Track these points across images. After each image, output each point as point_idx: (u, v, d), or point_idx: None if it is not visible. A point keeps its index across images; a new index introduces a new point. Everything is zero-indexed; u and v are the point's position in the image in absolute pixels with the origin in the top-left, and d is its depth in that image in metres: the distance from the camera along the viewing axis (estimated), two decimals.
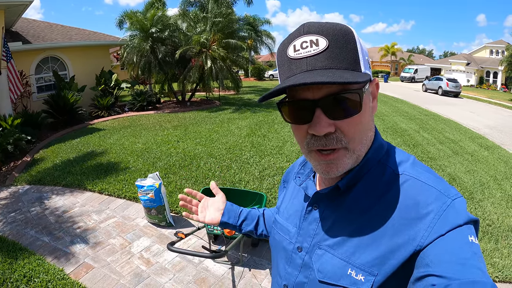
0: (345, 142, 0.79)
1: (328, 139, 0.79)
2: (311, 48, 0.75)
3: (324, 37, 0.75)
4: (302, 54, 0.76)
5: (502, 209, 6.15)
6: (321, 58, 0.75)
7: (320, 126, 0.77)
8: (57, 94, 12.14)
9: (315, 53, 0.75)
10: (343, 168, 0.82)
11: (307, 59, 0.76)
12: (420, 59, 62.63)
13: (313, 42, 0.75)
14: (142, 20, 15.11)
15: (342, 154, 0.81)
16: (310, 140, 0.82)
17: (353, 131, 0.79)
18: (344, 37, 0.76)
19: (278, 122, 12.84)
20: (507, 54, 30.02)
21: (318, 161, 0.84)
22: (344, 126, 0.78)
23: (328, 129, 0.77)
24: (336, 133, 0.78)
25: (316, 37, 0.75)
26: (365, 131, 0.82)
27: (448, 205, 0.75)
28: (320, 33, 0.75)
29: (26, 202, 5.80)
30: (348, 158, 0.82)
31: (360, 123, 0.80)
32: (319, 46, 0.75)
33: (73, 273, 3.93)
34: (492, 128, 14.62)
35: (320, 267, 0.87)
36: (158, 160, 7.89)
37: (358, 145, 0.82)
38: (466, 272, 0.64)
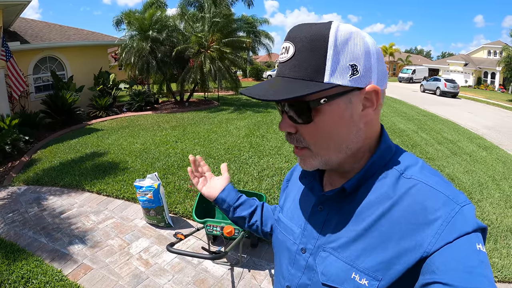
0: (305, 144, 0.85)
1: (290, 138, 0.87)
2: (284, 55, 0.81)
3: (293, 45, 0.79)
4: (280, 59, 0.83)
5: (501, 209, 6.16)
6: (286, 66, 0.80)
7: (282, 124, 0.85)
8: (55, 94, 12.11)
9: (284, 60, 0.81)
10: (310, 166, 0.88)
11: (280, 65, 0.82)
12: (418, 59, 62.82)
13: (286, 49, 0.81)
14: (141, 20, 15.09)
15: (307, 154, 0.87)
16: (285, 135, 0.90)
17: (311, 137, 0.83)
18: (312, 43, 0.76)
19: (276, 123, 12.82)
20: (505, 54, 30.05)
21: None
22: (301, 130, 0.84)
23: (288, 129, 0.85)
24: (296, 134, 0.85)
25: (288, 44, 0.80)
26: (329, 139, 0.82)
27: (456, 211, 0.74)
28: (292, 40, 0.79)
29: (24, 202, 5.77)
30: (313, 159, 0.87)
31: (318, 132, 0.81)
32: (288, 53, 0.80)
33: (72, 274, 3.91)
34: (490, 129, 14.66)
35: (323, 269, 0.87)
36: (157, 160, 7.88)
37: (322, 150, 0.84)
38: (472, 280, 0.64)
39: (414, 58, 63.94)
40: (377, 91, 0.81)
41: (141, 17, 15.28)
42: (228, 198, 1.31)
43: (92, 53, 15.61)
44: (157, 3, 19.80)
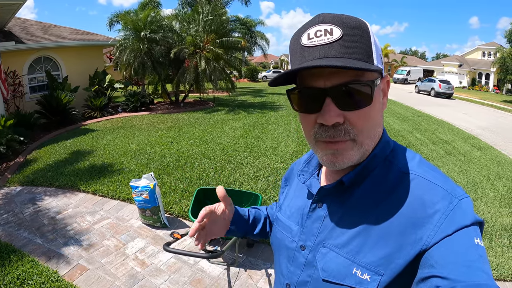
0: (354, 134, 0.79)
1: (336, 130, 0.79)
2: (325, 37, 0.75)
3: (338, 27, 0.75)
4: (316, 42, 0.76)
5: (495, 208, 6.21)
6: (335, 46, 0.75)
7: (329, 115, 0.77)
8: (50, 95, 12.05)
9: (329, 41, 0.75)
10: (349, 160, 0.82)
11: (321, 47, 0.76)
12: (412, 60, 62.94)
13: (327, 31, 0.75)
14: (136, 21, 15.06)
15: (350, 146, 0.81)
16: (318, 130, 0.82)
17: (362, 123, 0.79)
18: (358, 29, 0.76)
19: (272, 123, 12.87)
20: (499, 56, 30.23)
21: (324, 151, 0.84)
22: (353, 117, 0.78)
23: (337, 119, 0.77)
24: (344, 125, 0.78)
25: (330, 26, 0.75)
26: (374, 125, 0.82)
27: (455, 205, 0.75)
28: (335, 23, 0.76)
29: (19, 203, 5.74)
30: (355, 151, 0.82)
31: (370, 117, 0.80)
32: (333, 35, 0.75)
33: (67, 275, 3.90)
34: (485, 129, 14.72)
35: (324, 265, 0.87)
36: (152, 161, 7.87)
37: (366, 139, 0.82)
38: (471, 274, 0.64)
39: (409, 59, 64.07)
40: (389, 81, 0.87)
41: (136, 19, 15.22)
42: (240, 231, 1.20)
43: (87, 54, 15.54)
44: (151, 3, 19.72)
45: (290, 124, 12.79)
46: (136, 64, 15.03)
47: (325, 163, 0.85)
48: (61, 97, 11.94)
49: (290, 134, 11.12)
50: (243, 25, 22.67)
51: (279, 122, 13.17)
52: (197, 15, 16.87)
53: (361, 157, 0.84)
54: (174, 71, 16.77)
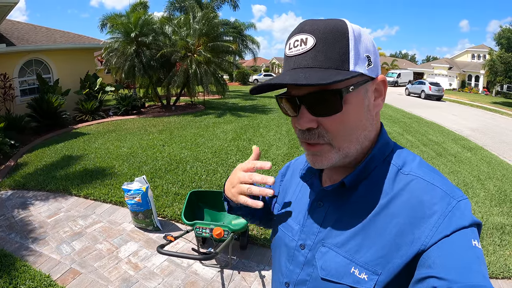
0: (328, 139, 0.82)
1: (310, 134, 0.83)
2: (300, 47, 0.79)
3: (312, 36, 0.78)
4: (293, 52, 0.81)
5: (486, 208, 6.29)
6: (306, 57, 0.78)
7: (302, 121, 0.82)
8: (41, 98, 11.94)
9: (302, 51, 0.79)
10: (328, 161, 0.85)
11: (295, 57, 0.80)
12: (403, 63, 63.34)
13: (303, 41, 0.79)
14: (126, 23, 15.01)
15: (327, 149, 0.84)
16: (298, 133, 0.87)
17: (336, 129, 0.81)
18: (334, 34, 0.78)
19: (263, 126, 12.89)
20: (489, 58, 30.51)
21: (306, 152, 0.90)
22: (326, 123, 0.81)
23: (310, 124, 0.81)
24: (318, 129, 0.82)
25: (306, 36, 0.79)
26: (352, 129, 0.83)
27: (453, 206, 0.75)
28: (310, 31, 0.79)
29: (10, 207, 5.70)
30: (333, 154, 0.84)
31: (344, 122, 0.81)
32: (307, 45, 0.78)
33: (60, 279, 3.88)
34: (475, 130, 14.88)
35: (323, 264, 0.87)
36: (144, 164, 7.85)
37: (344, 143, 0.83)
38: (468, 276, 0.65)
39: (400, 62, 64.45)
40: (384, 81, 0.87)
41: (127, 21, 15.16)
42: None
43: (79, 57, 15.47)
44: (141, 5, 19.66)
45: (281, 127, 12.82)
46: (126, 67, 14.97)
47: (309, 162, 0.90)
48: (52, 100, 11.85)
49: (282, 137, 11.15)
50: (234, 29, 22.64)
51: (270, 125, 13.20)
52: (189, 19, 16.85)
53: (342, 159, 0.86)
54: (165, 74, 16.72)
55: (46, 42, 14.20)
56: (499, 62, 28.02)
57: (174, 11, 22.29)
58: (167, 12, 22.21)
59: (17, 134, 9.90)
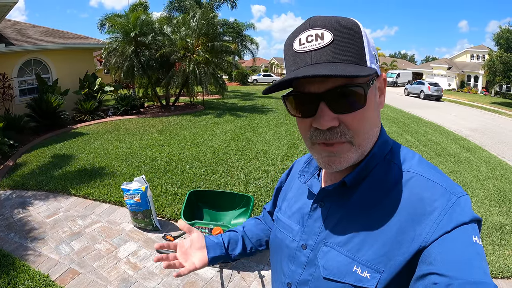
0: (350, 136, 0.80)
1: (332, 133, 0.79)
2: (316, 41, 0.76)
3: (329, 31, 0.75)
4: (307, 48, 0.77)
5: (485, 207, 6.31)
6: (326, 51, 0.75)
7: (323, 120, 0.78)
8: (40, 98, 11.94)
9: (320, 46, 0.75)
10: (347, 162, 0.83)
11: (312, 52, 0.76)
12: (402, 64, 63.42)
13: (318, 36, 0.76)
14: (125, 23, 15.00)
15: (347, 148, 0.81)
16: (313, 133, 0.83)
17: (358, 125, 0.79)
18: (349, 31, 0.76)
19: (262, 126, 12.90)
20: (488, 58, 30.55)
21: (321, 154, 0.85)
22: (348, 120, 0.79)
23: (332, 123, 0.78)
24: (340, 127, 0.79)
25: (321, 30, 0.76)
26: (370, 126, 0.83)
27: (453, 202, 0.76)
28: (325, 26, 0.76)
29: (9, 207, 5.70)
30: (353, 153, 0.82)
31: (365, 118, 0.80)
32: (324, 39, 0.75)
33: (59, 279, 3.88)
34: (474, 130, 14.90)
35: (325, 264, 0.87)
36: (143, 164, 7.85)
37: (363, 140, 0.82)
38: (468, 272, 0.65)
39: (399, 62, 64.47)
40: (385, 79, 0.88)
41: (126, 21, 15.15)
42: (217, 253, 1.21)
43: (78, 56, 15.46)
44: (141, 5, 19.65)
45: (281, 127, 12.83)
46: (125, 67, 14.96)
47: (322, 165, 0.87)
48: (51, 100, 11.83)
49: (281, 137, 11.15)
50: (233, 29, 22.64)
51: (269, 125, 13.21)
52: (188, 18, 16.84)
53: (358, 158, 0.84)
54: (164, 74, 16.72)
55: (45, 42, 14.18)
56: (498, 62, 28.07)
57: (173, 11, 22.29)
58: (167, 12, 22.21)
59: (16, 134, 9.90)
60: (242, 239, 1.30)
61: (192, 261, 1.15)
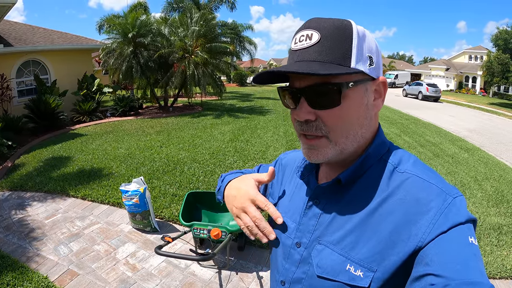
0: (325, 132, 0.84)
1: (308, 126, 0.85)
2: (305, 41, 0.82)
3: (318, 32, 0.81)
4: (298, 46, 0.84)
5: (483, 208, 6.32)
6: (310, 51, 0.81)
7: (301, 112, 0.84)
8: (38, 99, 11.91)
9: (307, 46, 0.81)
10: (324, 156, 0.87)
11: (300, 51, 0.83)
12: (400, 65, 63.50)
13: (308, 36, 0.82)
14: (124, 24, 14.99)
15: (324, 143, 0.86)
16: (296, 125, 0.89)
17: (333, 122, 0.83)
18: (339, 32, 0.80)
19: (260, 127, 12.90)
20: (486, 59, 30.60)
21: (303, 145, 0.91)
22: (323, 116, 0.83)
23: (308, 116, 0.84)
24: (316, 122, 0.84)
25: (311, 31, 0.82)
26: (349, 125, 0.84)
27: (449, 202, 0.76)
28: (316, 28, 0.81)
29: (7, 208, 5.69)
30: (330, 149, 0.86)
31: (342, 117, 0.83)
32: (311, 40, 0.81)
33: (58, 280, 3.88)
34: (472, 131, 14.92)
35: (319, 262, 0.88)
36: (142, 165, 7.85)
37: (341, 138, 0.85)
38: (465, 272, 0.65)
39: (397, 63, 64.59)
40: (385, 82, 0.89)
41: (125, 22, 15.15)
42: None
43: (76, 57, 15.46)
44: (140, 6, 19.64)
45: (279, 128, 12.83)
46: (124, 68, 14.95)
47: (305, 156, 0.92)
48: (50, 101, 11.82)
49: (279, 138, 11.16)
50: (232, 30, 22.63)
51: (268, 126, 13.21)
52: (187, 20, 16.84)
53: (338, 154, 0.87)
54: (162, 75, 16.71)
55: (44, 43, 14.18)
56: (496, 63, 28.11)
57: (171, 11, 22.27)
58: (165, 13, 22.20)
59: (14, 135, 9.90)
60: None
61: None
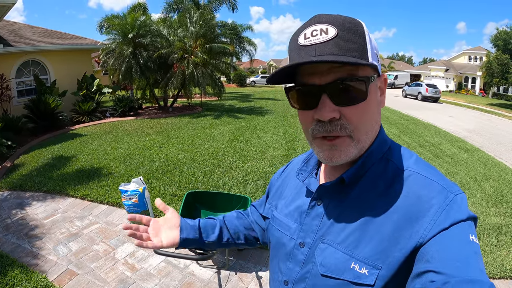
0: (350, 130, 0.81)
1: (333, 125, 0.81)
2: (321, 36, 0.78)
3: (333, 26, 0.78)
4: (311, 41, 0.79)
5: (483, 208, 6.33)
6: (330, 45, 0.77)
7: (325, 110, 0.80)
8: (38, 99, 11.91)
9: (324, 40, 0.77)
10: (347, 155, 0.84)
11: (316, 45, 0.78)
12: (400, 65, 63.51)
13: (323, 31, 0.78)
14: (124, 24, 14.98)
15: (347, 142, 0.83)
16: (315, 127, 0.84)
17: (358, 119, 0.81)
18: (353, 27, 0.79)
19: (260, 128, 12.91)
20: (485, 60, 30.63)
21: (321, 147, 0.86)
22: (349, 113, 0.80)
23: (333, 114, 0.80)
24: (341, 120, 0.81)
25: (326, 26, 0.78)
26: (370, 121, 0.84)
27: (451, 199, 0.77)
28: (330, 22, 0.78)
29: (6, 208, 5.69)
30: (353, 147, 0.84)
31: (366, 112, 0.82)
32: (328, 34, 0.77)
33: (57, 280, 3.88)
34: (471, 132, 14.93)
35: (323, 261, 0.88)
36: (141, 165, 7.85)
37: (363, 135, 0.84)
38: (465, 270, 0.66)
39: (397, 64, 64.61)
40: (386, 79, 0.90)
41: (124, 22, 15.15)
42: (190, 235, 1.20)
43: (76, 58, 15.46)
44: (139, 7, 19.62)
45: (279, 129, 12.84)
46: (124, 69, 14.94)
47: (323, 159, 0.88)
48: (49, 101, 11.82)
49: (279, 138, 11.16)
50: (231, 30, 22.62)
51: (267, 127, 13.22)
52: (186, 20, 16.85)
53: (358, 153, 0.86)
54: (162, 76, 16.71)
55: (44, 43, 14.18)
56: (495, 63, 28.13)
57: (171, 12, 22.27)
58: (165, 14, 22.20)
59: (14, 135, 9.89)
60: (220, 228, 1.29)
61: (160, 238, 1.15)
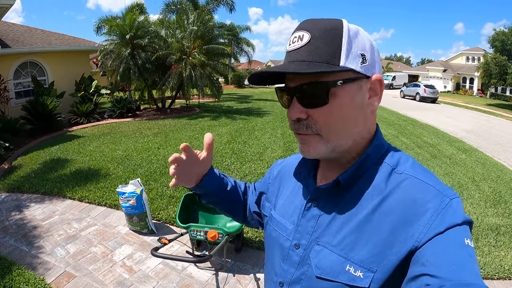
0: (316, 129, 0.86)
1: (300, 124, 0.88)
2: (297, 42, 0.85)
3: (308, 33, 0.83)
4: (291, 47, 0.86)
5: (481, 209, 6.33)
6: (301, 51, 0.83)
7: (293, 111, 0.87)
8: (36, 100, 11.90)
9: (298, 47, 0.84)
10: (315, 150, 0.89)
11: (291, 52, 0.86)
12: (398, 66, 63.70)
13: (300, 37, 0.85)
14: (122, 25, 14.96)
15: (316, 139, 0.88)
16: (290, 123, 0.92)
17: (324, 120, 0.85)
18: (329, 32, 0.82)
19: (258, 129, 12.88)
20: (483, 60, 30.70)
21: (298, 141, 0.93)
22: (314, 114, 0.85)
23: (299, 114, 0.86)
24: (307, 120, 0.87)
25: (302, 32, 0.84)
26: (341, 123, 0.85)
27: (446, 203, 0.77)
28: (307, 29, 0.84)
29: (4, 210, 5.68)
30: (322, 144, 0.88)
31: (332, 115, 0.84)
32: (302, 40, 0.84)
33: (54, 282, 3.87)
34: (469, 132, 14.96)
35: (318, 263, 0.88)
36: (139, 167, 7.84)
37: (333, 135, 0.86)
38: (461, 273, 0.66)
39: (395, 64, 64.84)
40: (381, 80, 0.89)
41: (122, 23, 15.13)
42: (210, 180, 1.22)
43: (74, 59, 15.45)
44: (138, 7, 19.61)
45: (277, 130, 12.83)
46: (122, 70, 14.91)
47: (299, 150, 0.94)
48: (47, 103, 11.80)
49: (277, 139, 11.16)
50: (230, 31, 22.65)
51: (265, 128, 13.21)
52: (183, 19, 16.84)
53: (330, 151, 0.88)
54: (160, 77, 16.69)
55: (42, 44, 14.17)
56: (493, 64, 28.21)
57: (169, 13, 22.27)
58: (163, 15, 22.20)
59: (11, 137, 9.88)
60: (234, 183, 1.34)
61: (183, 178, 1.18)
